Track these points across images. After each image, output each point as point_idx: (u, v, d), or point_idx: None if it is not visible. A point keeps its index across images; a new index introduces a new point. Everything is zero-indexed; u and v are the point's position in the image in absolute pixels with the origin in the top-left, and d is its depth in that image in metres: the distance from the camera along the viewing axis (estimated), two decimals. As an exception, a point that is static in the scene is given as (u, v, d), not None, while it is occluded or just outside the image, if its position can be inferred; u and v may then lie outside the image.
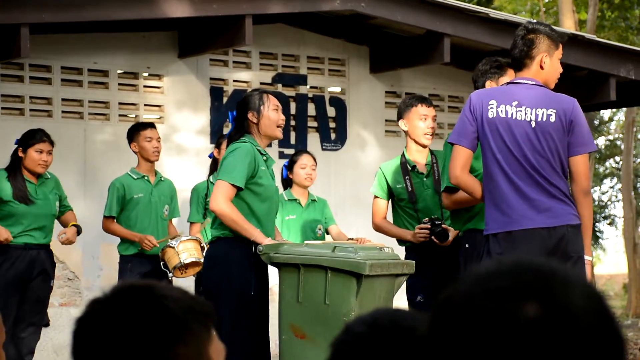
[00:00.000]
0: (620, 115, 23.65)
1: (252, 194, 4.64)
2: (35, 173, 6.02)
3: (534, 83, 4.36)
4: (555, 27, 4.51)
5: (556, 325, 0.98)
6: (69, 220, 6.20)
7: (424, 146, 5.46)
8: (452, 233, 5.20)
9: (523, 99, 4.34)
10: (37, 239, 5.99)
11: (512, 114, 4.29)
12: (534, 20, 4.63)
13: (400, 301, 6.95)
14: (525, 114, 4.32)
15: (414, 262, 4.87)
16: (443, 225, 5.18)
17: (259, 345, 4.69)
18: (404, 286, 4.99)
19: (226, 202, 4.55)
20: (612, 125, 24.97)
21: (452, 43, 7.75)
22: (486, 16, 7.80)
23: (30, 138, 5.99)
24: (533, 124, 4.32)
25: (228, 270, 4.59)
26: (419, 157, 5.46)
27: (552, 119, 4.35)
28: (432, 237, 5.18)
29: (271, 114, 4.73)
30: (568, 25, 14.94)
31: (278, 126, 4.77)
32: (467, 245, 4.92)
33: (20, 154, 5.99)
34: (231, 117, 4.90)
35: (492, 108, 4.27)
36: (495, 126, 4.26)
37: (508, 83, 4.40)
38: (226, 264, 4.60)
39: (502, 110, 4.28)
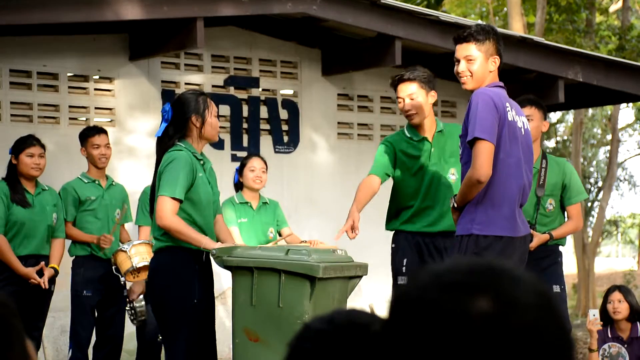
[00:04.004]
0: (569, 117, 24.04)
1: (191, 204, 4.60)
2: (31, 177, 6.00)
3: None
4: (503, 30, 4.59)
5: (505, 318, 1.01)
6: (53, 255, 6.07)
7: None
8: (539, 238, 5.24)
9: (515, 106, 4.37)
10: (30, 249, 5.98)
11: (515, 120, 4.31)
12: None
13: (354, 303, 6.96)
14: (519, 120, 4.35)
15: (367, 264, 4.89)
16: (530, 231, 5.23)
17: (204, 352, 4.67)
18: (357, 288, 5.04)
19: (173, 216, 4.50)
20: (561, 127, 25.37)
21: (403, 46, 7.80)
22: (436, 19, 7.86)
23: (21, 144, 6.05)
24: (523, 131, 4.36)
25: (170, 279, 4.56)
26: None
27: (528, 128, 4.45)
28: None
29: (214, 120, 4.71)
30: (517, 28, 15.13)
31: (218, 131, 4.79)
32: (393, 245, 5.09)
33: (14, 161, 6.02)
34: (167, 114, 4.74)
35: (509, 111, 4.25)
36: (513, 130, 4.25)
37: (496, 85, 4.34)
38: (168, 274, 4.58)
39: (513, 115, 4.29)
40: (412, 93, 5.08)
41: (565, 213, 5.53)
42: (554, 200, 5.43)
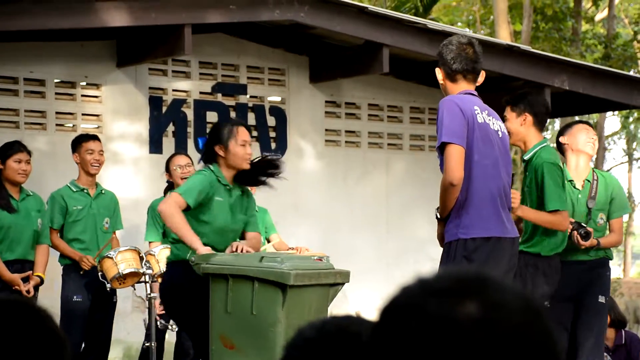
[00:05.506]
0: (556, 124, 24.11)
1: (200, 224, 4.76)
2: (16, 183, 5.98)
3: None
4: (489, 38, 4.61)
5: (493, 322, 1.02)
6: (38, 262, 6.05)
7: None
8: (591, 241, 5.35)
9: (490, 110, 4.40)
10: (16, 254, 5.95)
11: (488, 122, 4.33)
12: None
13: (340, 310, 6.94)
14: (493, 124, 4.38)
15: (348, 271, 4.86)
16: (588, 229, 5.32)
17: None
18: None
19: (175, 206, 4.65)
20: (548, 135, 25.43)
21: (391, 53, 7.82)
22: (424, 27, 7.89)
23: (8, 149, 6.04)
24: (500, 134, 4.40)
25: (178, 296, 4.80)
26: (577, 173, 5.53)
27: (506, 132, 4.49)
28: (576, 233, 5.24)
29: (239, 150, 4.85)
30: (503, 36, 15.20)
31: (245, 160, 4.90)
32: None
33: (0, 166, 5.97)
34: (201, 143, 5.01)
35: (478, 114, 4.29)
36: (485, 132, 4.28)
37: (467, 93, 4.36)
38: (174, 292, 4.82)
39: (485, 118, 4.32)
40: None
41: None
42: (604, 215, 5.51)
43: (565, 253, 5.31)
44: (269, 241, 6.23)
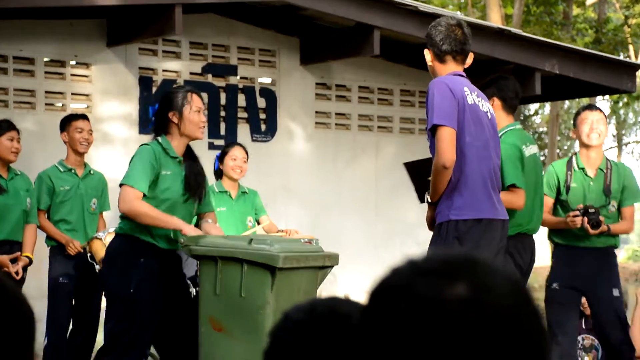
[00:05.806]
0: (546, 109, 24.14)
1: (150, 201, 4.56)
2: (8, 161, 5.97)
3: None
4: (480, 21, 4.60)
5: (480, 304, 1.03)
6: (26, 242, 6.02)
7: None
8: (601, 228, 5.42)
9: (478, 91, 4.40)
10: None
11: (478, 103, 4.33)
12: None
13: (330, 293, 6.98)
14: (482, 105, 4.38)
15: (337, 254, 4.87)
16: (600, 218, 5.39)
17: (144, 342, 4.63)
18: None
19: (136, 202, 4.48)
20: (538, 119, 25.48)
21: (382, 36, 7.81)
22: (415, 9, 7.87)
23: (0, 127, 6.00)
24: (489, 115, 4.40)
25: (109, 267, 4.63)
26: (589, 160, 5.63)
27: (493, 113, 4.49)
28: (587, 222, 5.35)
29: (193, 116, 4.64)
30: (495, 19, 15.19)
31: (199, 127, 4.69)
32: None
33: None
34: (152, 111, 4.81)
35: (468, 95, 4.27)
36: (476, 113, 4.28)
37: (456, 74, 4.36)
38: (109, 262, 4.65)
39: (474, 99, 4.31)
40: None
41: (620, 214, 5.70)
42: (616, 203, 5.61)
43: (574, 239, 5.47)
44: (259, 223, 6.23)
